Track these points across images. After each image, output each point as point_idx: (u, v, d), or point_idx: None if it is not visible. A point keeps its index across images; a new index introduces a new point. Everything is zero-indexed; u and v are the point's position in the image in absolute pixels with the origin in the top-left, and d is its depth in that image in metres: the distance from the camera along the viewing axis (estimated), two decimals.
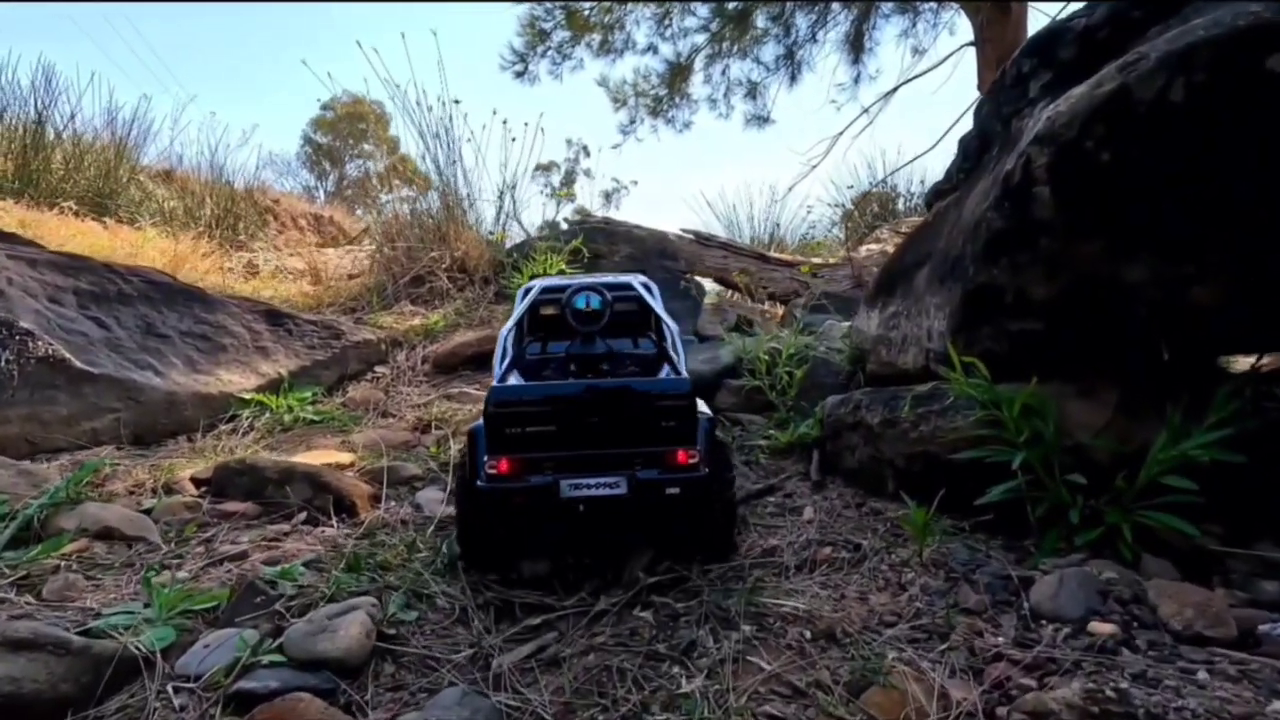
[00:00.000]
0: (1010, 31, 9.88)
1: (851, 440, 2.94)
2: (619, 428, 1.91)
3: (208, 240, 7.53)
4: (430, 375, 4.30)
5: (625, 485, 1.87)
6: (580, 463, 1.90)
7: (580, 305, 2.31)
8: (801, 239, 11.59)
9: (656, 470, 1.90)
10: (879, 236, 10.59)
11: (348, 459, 3.08)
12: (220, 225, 9.05)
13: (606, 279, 2.60)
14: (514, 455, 1.88)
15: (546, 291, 2.52)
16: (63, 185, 8.20)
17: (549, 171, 19.05)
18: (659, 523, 2.17)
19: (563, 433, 1.90)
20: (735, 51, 11.33)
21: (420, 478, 3.04)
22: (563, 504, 1.87)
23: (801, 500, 2.73)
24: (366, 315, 4.92)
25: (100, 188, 8.65)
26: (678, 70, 11.87)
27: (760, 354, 3.75)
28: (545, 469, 1.89)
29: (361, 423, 3.63)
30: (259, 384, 3.63)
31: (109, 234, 6.93)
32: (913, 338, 3.11)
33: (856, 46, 10.54)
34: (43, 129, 8.52)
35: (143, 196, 9.17)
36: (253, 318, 3.86)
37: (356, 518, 2.60)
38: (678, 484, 1.90)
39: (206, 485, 2.65)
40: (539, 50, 11.74)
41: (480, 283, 5.36)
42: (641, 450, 1.91)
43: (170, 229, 7.64)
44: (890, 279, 3.48)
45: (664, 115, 12.00)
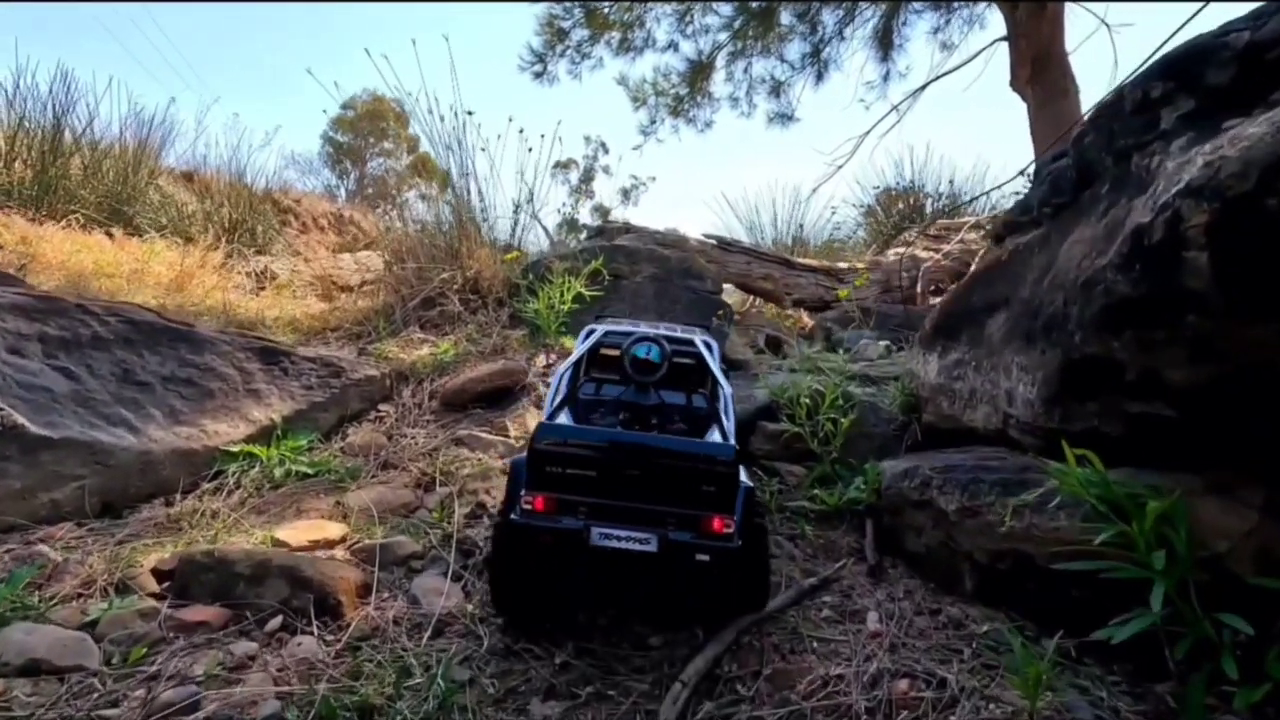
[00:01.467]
0: (1046, 27, 9.21)
1: (917, 520, 2.46)
2: (658, 484, 1.87)
3: (221, 249, 7.18)
4: (438, 414, 3.88)
5: (656, 543, 1.83)
6: (614, 512, 1.87)
7: (640, 354, 2.30)
8: (825, 243, 11.03)
9: (690, 534, 1.84)
10: (907, 240, 10.02)
11: (337, 532, 2.66)
12: (238, 229, 8.73)
13: (669, 332, 2.59)
14: (551, 494, 1.86)
15: (609, 335, 2.55)
16: (80, 192, 7.89)
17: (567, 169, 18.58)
18: (684, 584, 2.13)
19: (602, 480, 1.88)
20: (758, 49, 10.75)
21: (419, 555, 2.61)
22: (591, 551, 1.84)
23: (862, 599, 2.26)
24: (372, 344, 4.50)
25: (119, 193, 8.33)
26: (699, 68, 11.32)
27: (800, 396, 3.26)
28: (579, 513, 1.86)
29: (360, 476, 3.22)
30: (249, 433, 3.22)
31: (115, 247, 6.60)
32: (984, 394, 2.61)
33: (885, 43, 9.91)
34: (60, 135, 8.19)
35: (162, 201, 8.86)
36: (245, 356, 3.45)
37: (341, 619, 2.18)
38: (709, 551, 1.83)
39: (171, 579, 2.24)
40: (558, 50, 11.25)
41: (494, 305, 4.92)
42: (677, 511, 1.86)
43: (180, 240, 7.29)
44: (953, 321, 2.97)
45: (685, 114, 11.47)
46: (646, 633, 2.16)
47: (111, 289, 5.30)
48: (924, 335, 3.20)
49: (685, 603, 2.16)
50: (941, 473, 2.33)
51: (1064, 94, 9.15)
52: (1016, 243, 2.64)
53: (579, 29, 10.95)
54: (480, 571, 2.54)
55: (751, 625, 2.13)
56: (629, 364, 2.31)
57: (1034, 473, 2.15)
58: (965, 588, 2.24)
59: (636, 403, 2.31)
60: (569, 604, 2.20)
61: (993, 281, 2.73)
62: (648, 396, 2.31)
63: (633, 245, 5.25)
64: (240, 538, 2.61)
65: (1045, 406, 2.20)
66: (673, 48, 11.19)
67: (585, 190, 20.21)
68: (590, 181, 19.53)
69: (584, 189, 20.33)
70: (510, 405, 3.92)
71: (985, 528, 2.13)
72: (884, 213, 11.17)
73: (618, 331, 2.57)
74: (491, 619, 2.24)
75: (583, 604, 2.20)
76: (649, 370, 2.28)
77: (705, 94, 11.39)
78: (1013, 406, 2.40)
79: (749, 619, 2.13)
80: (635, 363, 2.29)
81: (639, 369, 2.29)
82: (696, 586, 2.13)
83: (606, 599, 2.19)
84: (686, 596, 2.16)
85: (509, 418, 3.78)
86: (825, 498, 2.98)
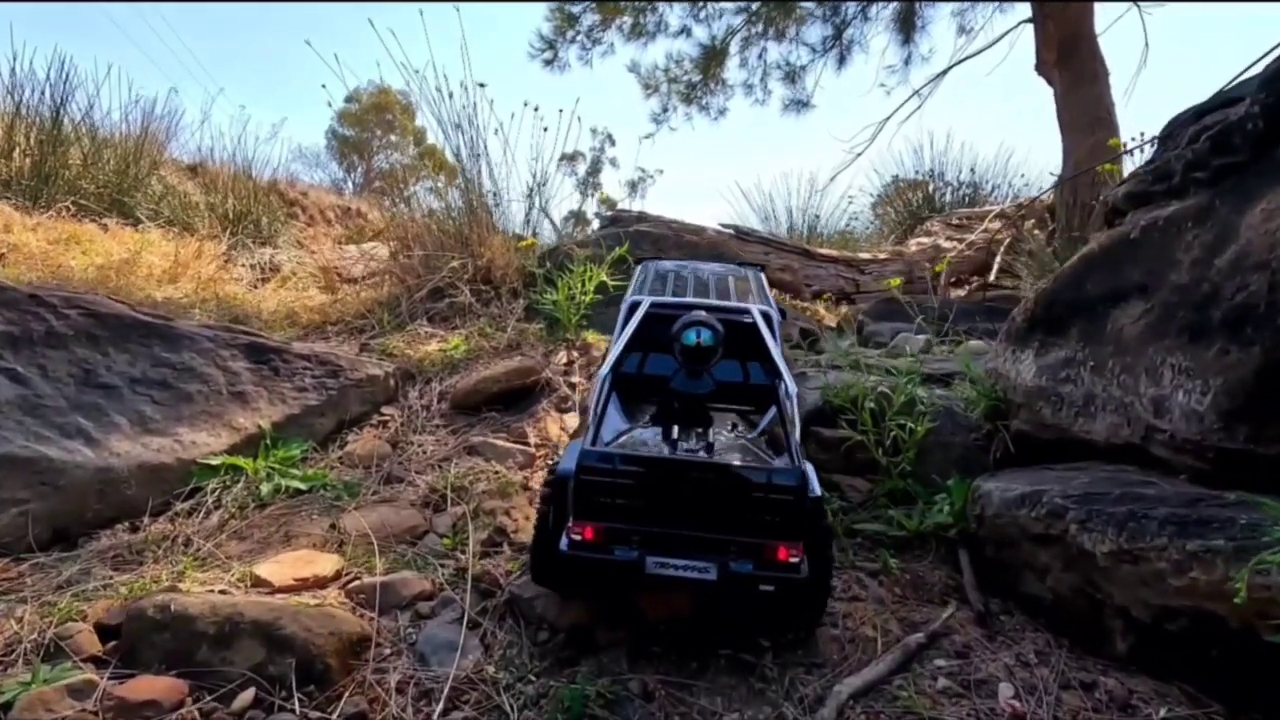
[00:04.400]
0: (1074, 8, 8.63)
1: (1038, 558, 1.95)
2: (717, 510, 1.66)
3: (222, 240, 6.67)
4: (448, 418, 3.37)
5: (715, 572, 1.64)
6: (671, 541, 1.67)
7: (690, 342, 1.95)
8: (841, 233, 10.48)
9: (752, 564, 1.65)
10: (929, 229, 9.48)
11: (330, 566, 2.15)
12: (242, 221, 8.23)
13: (722, 304, 2.28)
14: (601, 524, 1.68)
15: (656, 308, 2.25)
16: (79, 182, 7.39)
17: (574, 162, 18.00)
18: (745, 611, 1.93)
19: (656, 506, 1.67)
20: (773, 33, 10.16)
21: (428, 596, 2.11)
22: (647, 579, 1.67)
23: (985, 663, 1.75)
24: (375, 339, 3.99)
25: (119, 184, 7.82)
26: (712, 54, 10.74)
27: (863, 399, 2.74)
28: (632, 541, 1.68)
29: (359, 493, 2.71)
30: (232, 443, 2.72)
31: (109, 236, 6.09)
32: (1109, 401, 2.09)
33: (907, 25, 9.31)
34: (60, 124, 7.67)
35: (164, 191, 8.36)
36: (230, 354, 2.94)
37: (330, 689, 1.67)
38: (773, 582, 1.63)
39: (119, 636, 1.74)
40: (568, 36, 10.68)
41: (507, 295, 4.40)
42: (738, 539, 1.65)
43: (177, 229, 6.77)
44: (1057, 312, 2.45)
45: (698, 102, 10.90)
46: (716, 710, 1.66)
47: (97, 281, 4.80)
48: (1015, 329, 2.67)
49: (741, 623, 1.93)
50: (1081, 503, 1.81)
51: (1093, 78, 8.57)
52: (1151, 217, 2.11)
53: (589, 14, 10.39)
54: (503, 617, 2.05)
55: (852, 700, 1.63)
56: (679, 353, 1.97)
57: (1212, 507, 1.63)
58: (1116, 649, 1.73)
59: (689, 392, 1.99)
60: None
61: (1117, 264, 2.20)
62: (701, 383, 2.01)
63: (657, 231, 4.73)
64: (214, 574, 2.11)
65: (1224, 421, 1.68)
66: (685, 33, 10.63)
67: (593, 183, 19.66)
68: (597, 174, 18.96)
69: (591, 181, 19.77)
70: (529, 407, 3.42)
71: (1151, 578, 1.61)
72: (902, 202, 10.61)
73: (667, 303, 2.25)
74: (518, 685, 1.75)
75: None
76: (702, 358, 1.96)
77: (719, 80, 10.83)
78: (1162, 418, 1.88)
79: (847, 693, 1.63)
80: (686, 352, 1.95)
81: (690, 356, 1.96)
82: (758, 613, 1.92)
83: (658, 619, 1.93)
84: (743, 619, 1.93)
85: (527, 422, 3.27)
86: (903, 521, 2.47)
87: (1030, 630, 1.89)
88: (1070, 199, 7.09)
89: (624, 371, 2.28)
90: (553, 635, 1.94)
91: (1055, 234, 7.10)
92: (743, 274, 2.71)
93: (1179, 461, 1.87)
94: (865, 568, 2.25)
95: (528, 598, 2.04)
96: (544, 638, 1.93)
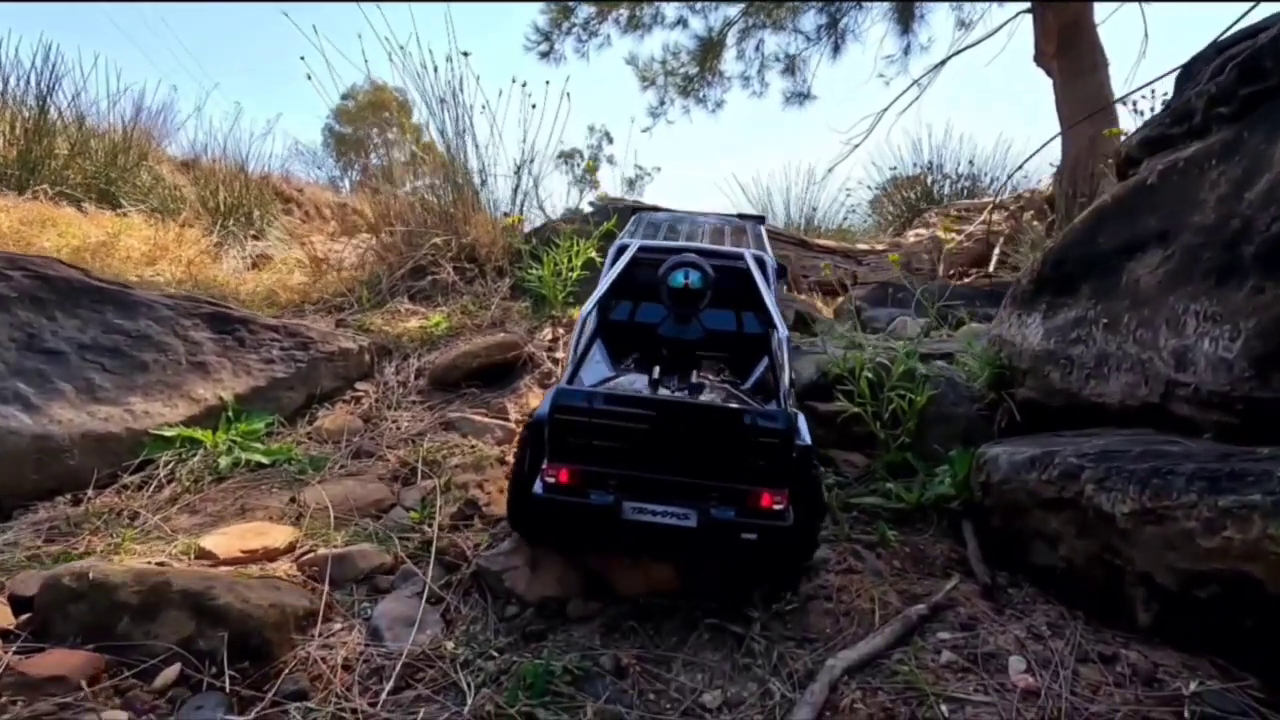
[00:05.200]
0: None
1: (1049, 525, 1.78)
2: (698, 454, 1.56)
3: (212, 230, 6.50)
4: (426, 394, 3.20)
5: (695, 519, 1.55)
6: (649, 485, 1.58)
7: (678, 283, 1.87)
8: (839, 228, 10.32)
9: (734, 510, 1.56)
10: (928, 221, 9.33)
11: (284, 538, 1.98)
12: (233, 214, 8.06)
13: (714, 249, 2.15)
14: (576, 466, 1.59)
15: (645, 252, 2.13)
16: (65, 172, 7.21)
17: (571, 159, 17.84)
18: (728, 559, 1.80)
19: (633, 449, 1.57)
20: (770, 23, 10.02)
21: (387, 570, 1.93)
22: (623, 524, 1.58)
23: (994, 636, 1.57)
24: (353, 316, 3.82)
25: (106, 174, 7.64)
26: (709, 46, 10.60)
27: (861, 370, 2.57)
28: (609, 485, 1.59)
29: (325, 467, 2.53)
30: (190, 414, 2.55)
31: (87, 220, 5.91)
32: (1124, 360, 1.93)
33: (906, 14, 9.17)
34: (45, 112, 7.50)
35: (153, 182, 8.18)
36: (191, 323, 2.77)
37: (268, 665, 1.50)
38: (756, 530, 1.55)
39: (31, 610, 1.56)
40: (564, 28, 10.53)
41: (493, 274, 4.22)
42: (720, 484, 1.56)
43: (161, 216, 6.60)
44: (1067, 270, 2.28)
45: (695, 94, 10.76)
46: (700, 686, 1.48)
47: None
48: (1021, 292, 2.50)
49: (724, 572, 1.81)
50: (1098, 461, 1.64)
51: (1093, 68, 8.45)
52: (1170, 161, 1.94)
53: (585, 5, 10.24)
54: (468, 591, 1.87)
55: (846, 676, 1.45)
56: (666, 296, 1.89)
57: (1245, 461, 1.46)
58: (1137, 620, 1.55)
59: (678, 338, 1.91)
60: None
61: (1132, 214, 2.04)
62: (689, 328, 1.93)
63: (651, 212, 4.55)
64: (155, 546, 1.93)
65: (1257, 367, 1.51)
66: (682, 24, 10.50)
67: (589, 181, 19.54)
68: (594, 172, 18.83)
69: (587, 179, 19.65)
70: (510, 383, 3.24)
71: (1178, 539, 1.44)
72: (900, 196, 10.46)
73: (655, 247, 2.14)
74: (478, 661, 1.57)
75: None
76: (691, 300, 1.88)
77: (716, 72, 10.69)
78: (1185, 371, 1.71)
79: (841, 667, 1.46)
80: (674, 294, 1.87)
81: (678, 299, 1.88)
82: (742, 561, 1.80)
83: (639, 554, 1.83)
84: (726, 568, 1.81)
85: (508, 398, 3.10)
86: (902, 494, 2.29)
87: (1041, 602, 1.72)
88: (1070, 190, 6.98)
89: (613, 320, 2.18)
90: (521, 609, 1.77)
91: (1054, 225, 6.97)
92: (740, 225, 2.58)
93: (1203, 419, 1.70)
94: (861, 540, 2.07)
95: (495, 570, 1.86)
96: (511, 612, 1.76)
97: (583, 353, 1.90)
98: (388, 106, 19.28)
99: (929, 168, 10.24)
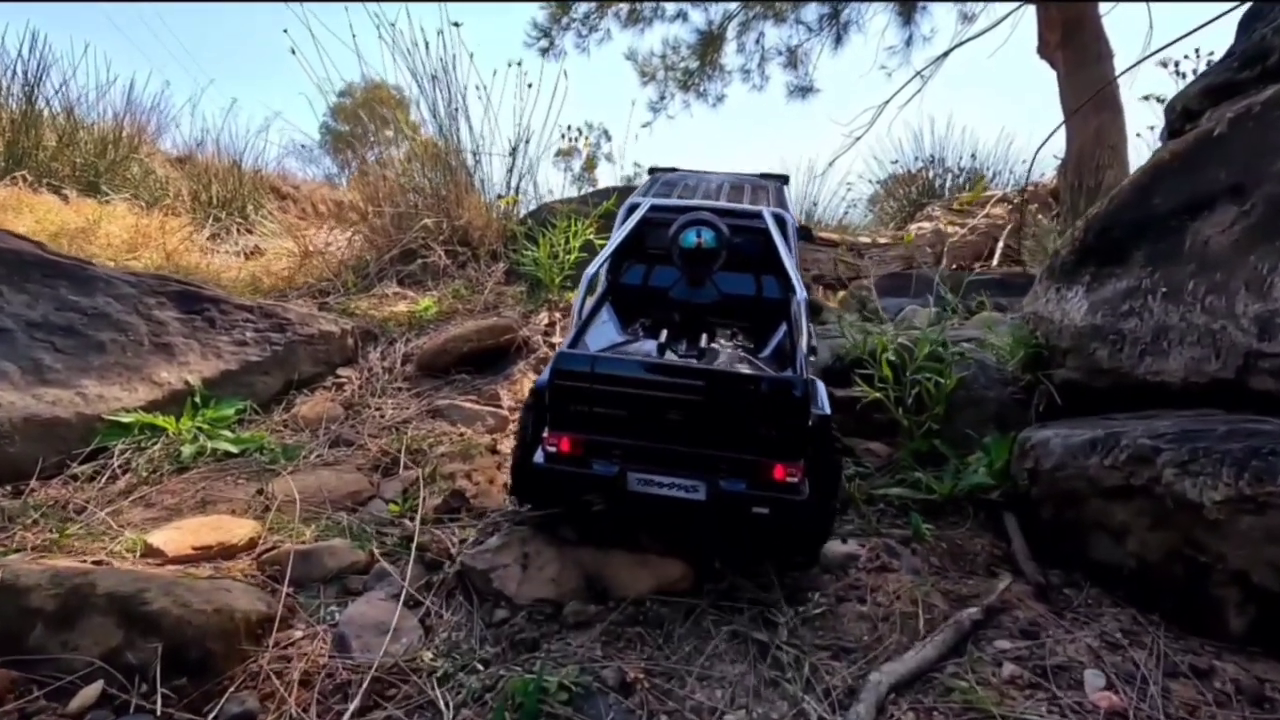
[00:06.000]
0: None
1: (1113, 516, 1.54)
2: (706, 423, 1.42)
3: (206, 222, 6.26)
4: (413, 380, 2.95)
5: (704, 491, 1.42)
6: (655, 456, 1.45)
7: (689, 243, 1.73)
8: (839, 222, 10.10)
9: (745, 483, 1.43)
10: (930, 214, 9.13)
11: (245, 533, 1.73)
12: (227, 207, 7.80)
13: (731, 206, 1.95)
14: (578, 435, 1.46)
15: (657, 211, 1.98)
16: (53, 164, 6.95)
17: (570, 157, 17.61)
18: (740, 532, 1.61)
19: (638, 418, 1.44)
20: (772, 15, 9.81)
21: (360, 569, 1.69)
22: (628, 496, 1.45)
23: (1057, 640, 1.33)
24: (338, 300, 3.57)
25: (96, 165, 7.39)
26: (709, 39, 10.38)
27: (883, 353, 2.34)
28: (613, 455, 1.46)
29: (299, 457, 2.29)
30: (152, 399, 2.31)
31: (68, 208, 5.65)
32: (1190, 331, 1.70)
33: (908, 5, 8.95)
34: (34, 103, 7.24)
35: (143, 175, 7.93)
36: (156, 302, 2.52)
37: (211, 682, 1.26)
38: (768, 504, 1.41)
39: None
40: (563, 22, 10.30)
41: (486, 258, 3.98)
42: (730, 455, 1.43)
43: (146, 206, 6.34)
44: (1115, 236, 2.05)
45: (695, 88, 10.53)
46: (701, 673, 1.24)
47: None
48: (1060, 264, 2.27)
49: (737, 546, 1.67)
50: (1179, 442, 1.41)
51: (1097, 59, 8.24)
52: (1242, 107, 1.71)
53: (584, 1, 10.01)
54: (451, 593, 1.63)
55: (894, 693, 1.21)
56: (678, 256, 1.74)
57: None
58: (1229, 626, 1.32)
59: (690, 301, 1.77)
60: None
61: (1196, 168, 1.80)
62: (704, 291, 1.80)
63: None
64: (96, 543, 1.69)
65: None
66: (682, 18, 10.28)
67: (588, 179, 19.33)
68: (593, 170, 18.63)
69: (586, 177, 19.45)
70: (504, 369, 3.00)
71: None
72: (902, 191, 10.24)
73: (668, 205, 1.94)
74: (459, 675, 1.33)
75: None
76: (704, 261, 1.74)
77: (716, 66, 10.47)
78: (1273, 340, 1.48)
79: (887, 683, 1.22)
80: (685, 255, 1.73)
81: (690, 260, 1.74)
82: (754, 534, 1.62)
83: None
84: (739, 542, 1.66)
85: (501, 384, 2.86)
86: (933, 483, 2.06)
87: (1108, 605, 1.48)
88: (1075, 182, 6.79)
89: (624, 283, 2.04)
90: (511, 614, 1.53)
91: (1059, 218, 6.79)
92: (761, 182, 2.40)
93: None
94: (893, 534, 1.84)
95: (481, 569, 1.62)
96: (500, 616, 1.52)
97: (589, 315, 1.75)
98: (385, 103, 19.08)
99: (931, 161, 10.03)
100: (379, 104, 19.15)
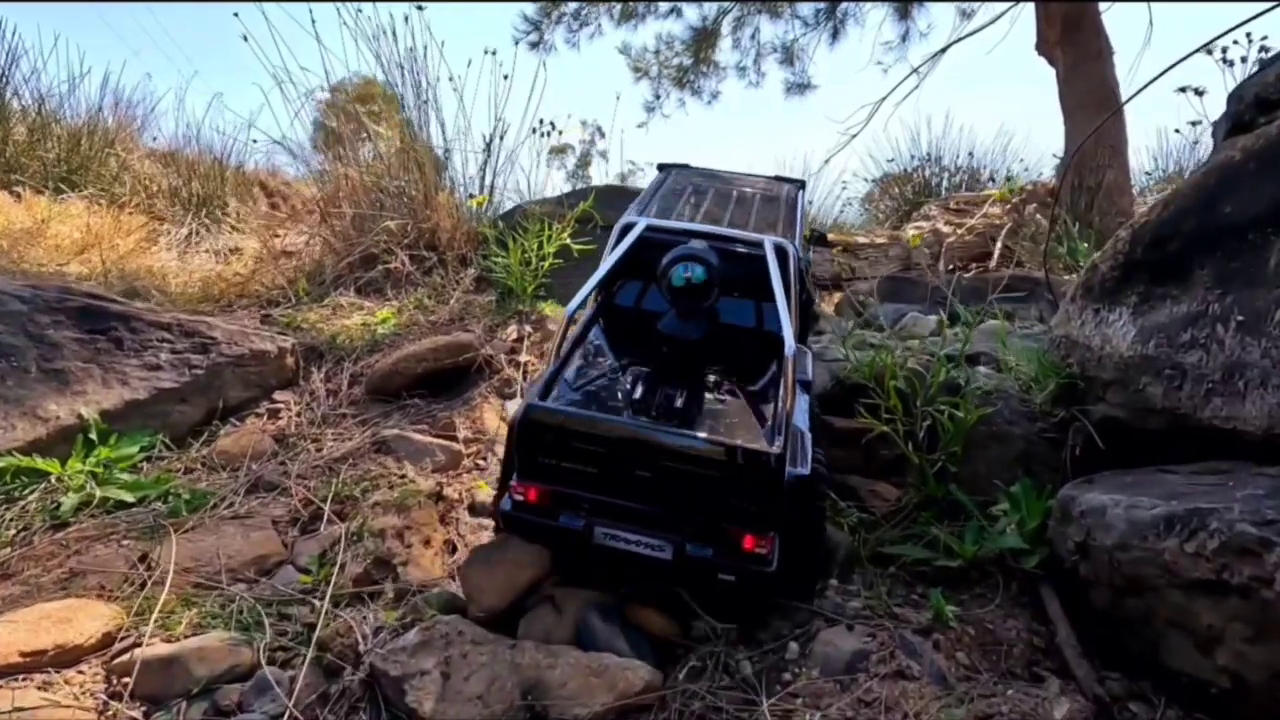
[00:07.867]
0: None
1: (1197, 617, 1.17)
2: (675, 487, 1.37)
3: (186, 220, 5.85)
4: (360, 405, 2.57)
5: (670, 552, 1.39)
6: (623, 513, 1.42)
7: (678, 280, 1.59)
8: (834, 221, 9.73)
9: (712, 549, 1.38)
10: (928, 214, 8.78)
11: (98, 627, 1.35)
12: (207, 205, 7.38)
13: (730, 233, 1.82)
14: (545, 486, 1.44)
15: (653, 231, 1.83)
16: (22, 160, 6.51)
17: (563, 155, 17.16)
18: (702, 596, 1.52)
19: (607, 474, 1.40)
20: (766, 10, 9.43)
21: (242, 673, 1.30)
22: (593, 549, 1.43)
23: None
24: (285, 311, 3.18)
25: (69, 161, 6.94)
26: (704, 35, 9.99)
27: (892, 380, 1.97)
28: (580, 509, 1.43)
29: (206, 505, 1.90)
30: (33, 437, 1.92)
31: (18, 206, 5.23)
32: (1275, 372, 1.33)
33: None
34: (2, 96, 6.78)
35: (119, 170, 7.49)
36: (51, 320, 2.14)
37: None
38: (735, 572, 1.37)
39: None
40: (553, 16, 9.89)
41: (455, 263, 3.59)
42: (698, 518, 1.38)
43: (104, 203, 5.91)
44: (1171, 250, 1.68)
45: (690, 86, 10.13)
46: None
47: None
48: (1099, 281, 1.90)
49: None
50: None
51: (1097, 56, 7.88)
52: None
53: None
54: (354, 708, 1.26)
55: None
56: (667, 293, 1.64)
57: None
58: None
59: (678, 335, 1.65)
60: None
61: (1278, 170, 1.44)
62: (692, 325, 1.69)
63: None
64: None
65: None
66: (676, 13, 9.88)
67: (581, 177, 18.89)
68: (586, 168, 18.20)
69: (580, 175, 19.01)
70: (463, 392, 2.62)
71: None
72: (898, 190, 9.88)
73: (664, 228, 1.82)
74: None
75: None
76: (695, 297, 1.63)
77: (711, 63, 10.08)
78: None
79: None
80: (675, 293, 1.62)
81: (680, 297, 1.62)
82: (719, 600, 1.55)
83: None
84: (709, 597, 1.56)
85: (458, 411, 2.48)
86: (953, 544, 1.69)
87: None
88: (1075, 181, 6.48)
89: (618, 304, 1.92)
90: None
91: (1058, 218, 6.47)
92: (774, 194, 2.19)
93: None
94: (909, 621, 1.46)
95: (394, 676, 1.25)
96: None
97: (564, 358, 1.65)
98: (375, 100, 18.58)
99: (927, 159, 9.67)
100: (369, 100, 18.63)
